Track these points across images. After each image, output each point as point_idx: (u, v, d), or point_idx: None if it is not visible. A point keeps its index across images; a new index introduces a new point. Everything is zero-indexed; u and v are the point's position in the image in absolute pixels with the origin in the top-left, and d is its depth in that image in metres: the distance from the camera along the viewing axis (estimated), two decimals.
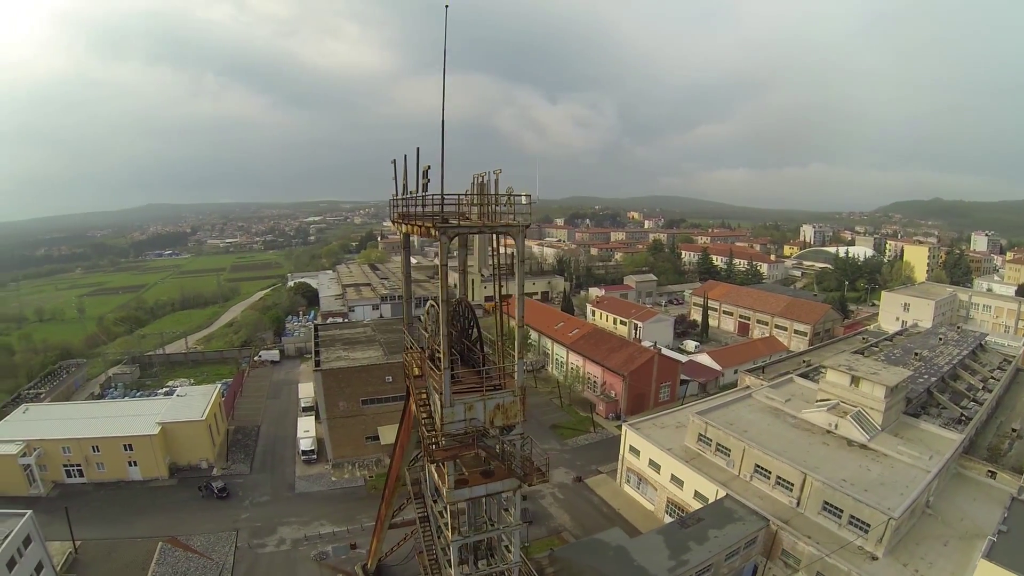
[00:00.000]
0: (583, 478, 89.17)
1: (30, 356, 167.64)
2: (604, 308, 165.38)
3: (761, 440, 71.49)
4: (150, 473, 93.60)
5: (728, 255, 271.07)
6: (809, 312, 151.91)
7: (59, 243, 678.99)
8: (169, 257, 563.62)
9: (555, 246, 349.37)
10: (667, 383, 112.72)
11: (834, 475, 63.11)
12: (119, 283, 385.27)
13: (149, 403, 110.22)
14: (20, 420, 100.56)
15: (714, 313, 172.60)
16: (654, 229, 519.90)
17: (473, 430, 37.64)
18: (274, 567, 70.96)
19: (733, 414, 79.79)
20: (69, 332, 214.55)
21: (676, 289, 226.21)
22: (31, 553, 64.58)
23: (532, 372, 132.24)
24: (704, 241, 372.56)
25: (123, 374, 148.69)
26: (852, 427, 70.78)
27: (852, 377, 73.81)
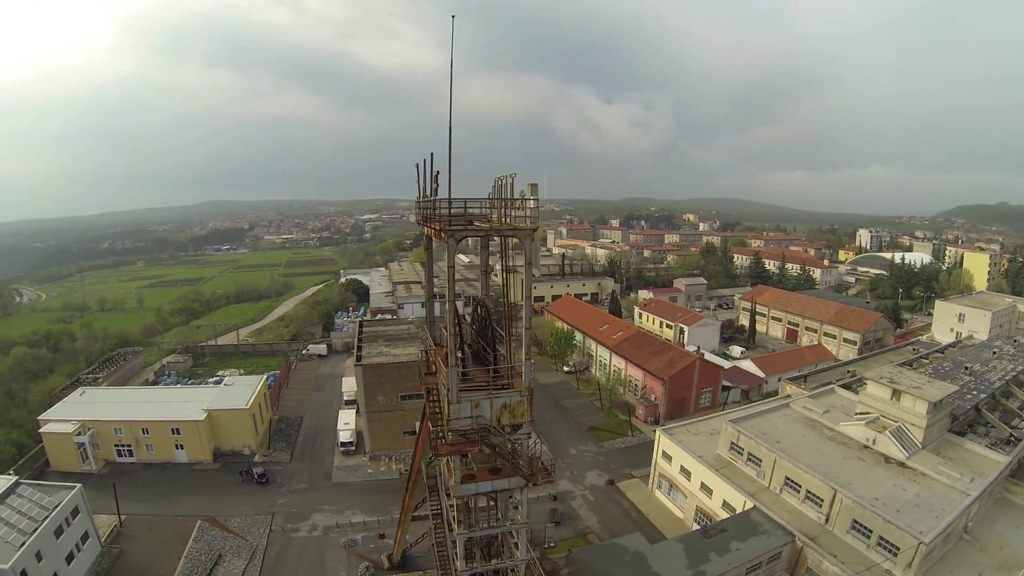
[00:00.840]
0: (615, 481, 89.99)
1: (91, 343, 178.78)
2: (651, 311, 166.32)
3: (794, 452, 70.82)
4: (195, 456, 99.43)
5: (780, 259, 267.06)
6: (859, 320, 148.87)
7: (122, 237, 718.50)
8: (227, 252, 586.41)
9: (608, 247, 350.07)
10: (708, 389, 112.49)
11: (866, 493, 61.72)
12: (178, 276, 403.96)
13: (198, 391, 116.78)
14: (77, 402, 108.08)
15: (762, 319, 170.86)
16: (709, 232, 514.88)
17: (479, 427, 39.21)
18: (305, 551, 74.97)
19: (767, 423, 79.21)
20: (128, 321, 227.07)
21: (726, 293, 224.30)
22: (78, 523, 70.62)
23: (575, 373, 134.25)
24: (758, 245, 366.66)
25: (176, 363, 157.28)
26: (890, 443, 69.25)
27: (893, 390, 72.04)
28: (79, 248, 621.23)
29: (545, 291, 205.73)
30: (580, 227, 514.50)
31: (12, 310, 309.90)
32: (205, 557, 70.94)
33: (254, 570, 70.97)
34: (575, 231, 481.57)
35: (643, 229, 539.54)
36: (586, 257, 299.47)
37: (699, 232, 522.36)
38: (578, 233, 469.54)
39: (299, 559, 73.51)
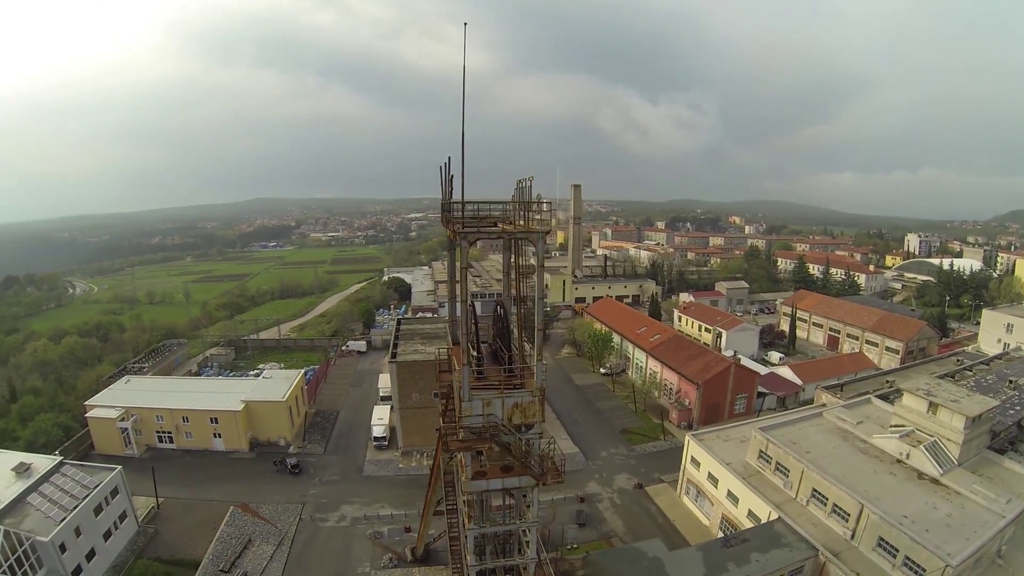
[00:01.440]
0: (643, 485, 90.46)
1: (138, 334, 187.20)
2: (690, 314, 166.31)
3: (822, 463, 69.73)
4: (232, 445, 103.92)
5: (824, 264, 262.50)
6: (903, 328, 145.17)
7: (172, 233, 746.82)
8: (273, 248, 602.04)
9: (652, 249, 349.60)
10: (743, 395, 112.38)
11: (895, 509, 60.27)
12: (225, 271, 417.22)
13: (237, 382, 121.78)
14: (121, 389, 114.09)
15: (803, 324, 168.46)
16: (754, 235, 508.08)
17: (490, 425, 40.60)
18: (332, 540, 77.90)
19: (798, 433, 78.18)
20: (175, 314, 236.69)
21: (768, 298, 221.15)
22: (117, 503, 75.49)
23: (611, 376, 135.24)
24: (803, 248, 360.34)
25: (219, 355, 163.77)
26: (924, 458, 67.32)
27: (930, 403, 70.08)
28: (130, 243, 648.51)
29: (587, 292, 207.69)
30: (625, 229, 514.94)
31: (65, 301, 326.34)
32: (235, 541, 74.42)
33: (281, 556, 74.10)
34: (620, 232, 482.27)
35: (688, 231, 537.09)
36: (629, 259, 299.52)
37: (744, 235, 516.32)
38: (623, 235, 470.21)
39: (325, 548, 76.44)
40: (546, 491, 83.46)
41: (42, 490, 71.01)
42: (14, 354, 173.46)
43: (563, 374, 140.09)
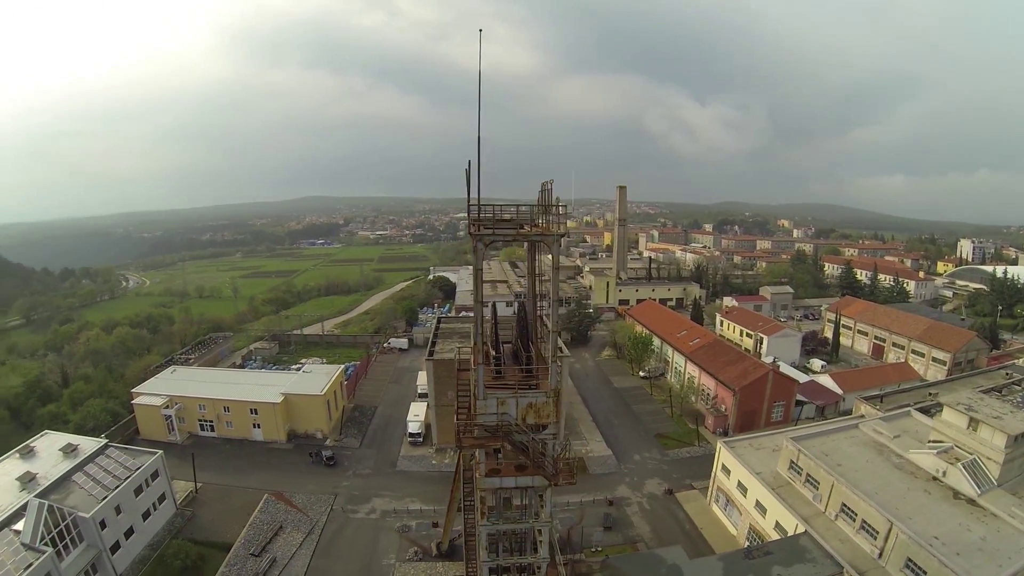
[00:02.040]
0: (674, 491, 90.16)
1: (187, 326, 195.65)
2: (732, 319, 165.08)
3: (854, 477, 68.08)
4: (270, 436, 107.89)
5: (872, 269, 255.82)
6: (950, 338, 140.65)
7: (223, 229, 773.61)
8: (321, 246, 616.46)
9: (698, 252, 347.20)
10: (781, 403, 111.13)
11: (926, 530, 58.34)
12: (273, 267, 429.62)
13: (278, 376, 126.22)
14: (167, 378, 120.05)
15: (848, 332, 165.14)
16: (802, 239, 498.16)
17: (504, 424, 41.80)
18: (360, 531, 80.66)
19: (831, 444, 76.67)
20: (223, 308, 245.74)
21: (813, 303, 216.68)
22: (157, 486, 79.93)
23: (650, 379, 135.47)
24: (851, 253, 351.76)
25: (263, 349, 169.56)
26: (962, 477, 64.74)
27: (970, 419, 67.70)
28: (182, 239, 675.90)
29: (630, 295, 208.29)
30: (673, 231, 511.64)
31: (118, 294, 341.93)
32: (267, 527, 77.87)
33: (310, 544, 77.08)
34: (667, 235, 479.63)
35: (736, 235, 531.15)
36: (675, 262, 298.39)
37: (792, 239, 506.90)
38: (670, 237, 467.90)
39: (353, 538, 79.18)
40: (575, 493, 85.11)
41: (87, 470, 75.80)
42: (68, 343, 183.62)
43: (602, 376, 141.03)
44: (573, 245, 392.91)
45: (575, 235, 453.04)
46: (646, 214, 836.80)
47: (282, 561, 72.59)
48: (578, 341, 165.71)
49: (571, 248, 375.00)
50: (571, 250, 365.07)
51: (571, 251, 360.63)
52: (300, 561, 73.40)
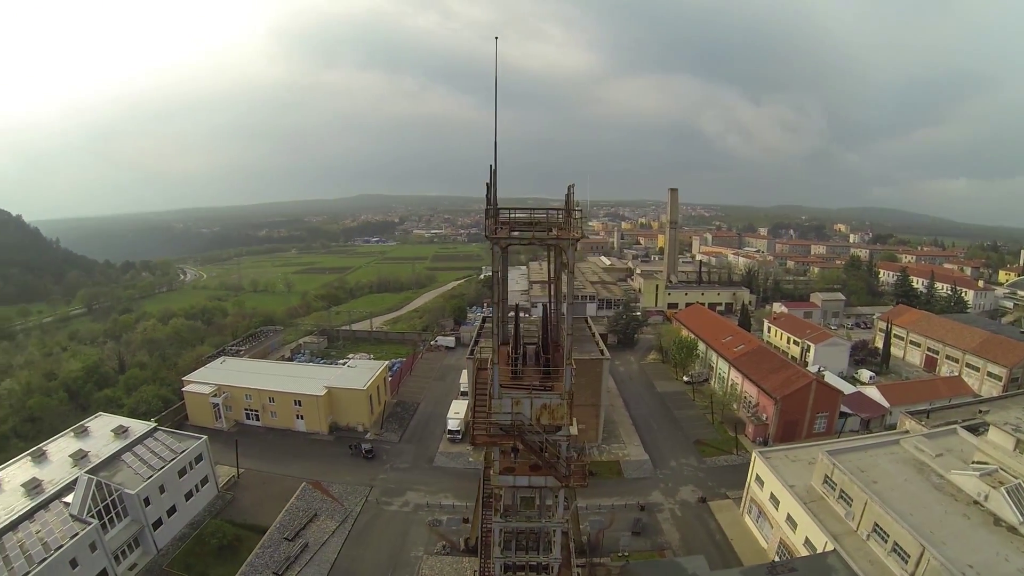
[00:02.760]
0: (707, 500, 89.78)
1: (239, 319, 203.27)
2: (780, 325, 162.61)
3: (889, 496, 65.45)
4: (313, 427, 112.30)
5: (929, 277, 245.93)
6: (1008, 352, 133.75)
7: (279, 226, 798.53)
8: (376, 244, 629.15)
9: (750, 256, 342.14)
10: (824, 413, 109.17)
11: (960, 557, 55.67)
12: (327, 264, 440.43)
13: (324, 369, 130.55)
14: (217, 368, 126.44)
15: (899, 342, 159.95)
16: (859, 244, 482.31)
17: (518, 424, 43.06)
18: (392, 523, 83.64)
19: (869, 460, 74.17)
20: (275, 303, 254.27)
21: (866, 312, 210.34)
22: (200, 469, 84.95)
23: (693, 384, 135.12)
24: (908, 260, 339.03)
25: (312, 343, 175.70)
26: (1004, 502, 60.97)
27: (1017, 441, 65.72)
28: (239, 234, 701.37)
29: (679, 298, 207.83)
30: (727, 234, 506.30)
31: (176, 286, 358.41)
32: (302, 514, 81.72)
33: (343, 532, 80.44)
34: (720, 238, 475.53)
35: (791, 239, 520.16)
36: (727, 266, 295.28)
37: (848, 244, 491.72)
38: (723, 240, 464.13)
39: (385, 529, 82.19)
40: (607, 496, 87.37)
41: (135, 450, 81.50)
42: (126, 331, 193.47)
43: (646, 380, 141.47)
44: (627, 247, 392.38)
45: (629, 237, 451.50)
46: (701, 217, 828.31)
47: (314, 547, 76.02)
48: (624, 344, 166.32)
49: (624, 250, 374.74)
50: (624, 252, 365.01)
51: (624, 253, 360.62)
52: (331, 548, 76.70)
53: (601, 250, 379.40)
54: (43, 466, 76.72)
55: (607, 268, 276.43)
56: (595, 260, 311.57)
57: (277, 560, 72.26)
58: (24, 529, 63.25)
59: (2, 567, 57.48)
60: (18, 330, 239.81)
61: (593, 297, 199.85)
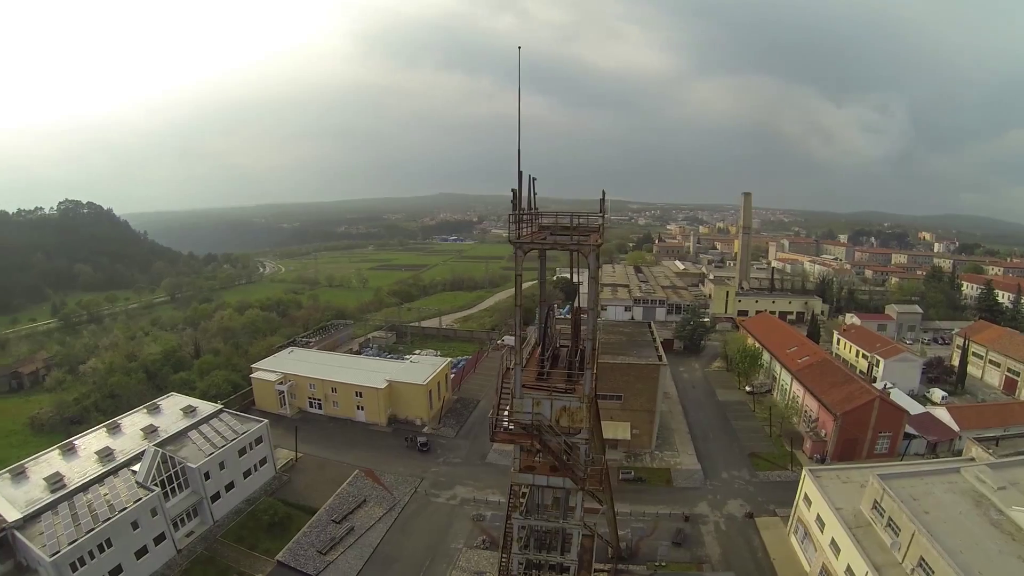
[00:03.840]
0: (754, 515, 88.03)
1: (312, 312, 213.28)
2: (849, 337, 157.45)
3: (939, 529, 61.23)
4: (372, 419, 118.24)
5: (1016, 291, 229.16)
6: None
7: (357, 223, 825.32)
8: (453, 242, 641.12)
9: (826, 264, 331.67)
10: (887, 433, 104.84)
11: None
12: (403, 261, 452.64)
13: (386, 363, 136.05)
14: (284, 358, 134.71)
15: (978, 361, 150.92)
16: (943, 254, 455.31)
17: (537, 424, 44.27)
18: (437, 515, 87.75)
19: (924, 487, 69.54)
20: (349, 298, 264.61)
21: (945, 327, 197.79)
22: (259, 450, 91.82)
23: (755, 395, 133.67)
24: (996, 272, 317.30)
25: (380, 338, 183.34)
26: None
27: None
28: (318, 230, 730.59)
29: (749, 305, 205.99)
30: (804, 241, 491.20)
31: (255, 279, 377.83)
32: (352, 499, 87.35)
33: (388, 520, 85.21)
34: (798, 245, 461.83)
35: (871, 247, 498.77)
36: (803, 273, 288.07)
37: (931, 253, 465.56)
38: (800, 247, 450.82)
39: (429, 519, 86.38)
40: (653, 503, 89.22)
41: (201, 429, 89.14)
42: (204, 320, 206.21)
43: (707, 388, 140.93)
44: (702, 252, 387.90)
45: (705, 241, 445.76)
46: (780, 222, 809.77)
47: (359, 531, 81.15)
48: (690, 350, 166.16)
49: (700, 255, 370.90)
50: (700, 257, 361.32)
51: (699, 258, 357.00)
52: (375, 533, 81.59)
53: (676, 254, 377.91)
54: (117, 437, 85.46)
55: (680, 273, 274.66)
56: (669, 264, 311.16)
57: (323, 540, 77.78)
58: (94, 491, 71.55)
59: (71, 522, 65.33)
60: (106, 315, 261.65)
61: (663, 301, 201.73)
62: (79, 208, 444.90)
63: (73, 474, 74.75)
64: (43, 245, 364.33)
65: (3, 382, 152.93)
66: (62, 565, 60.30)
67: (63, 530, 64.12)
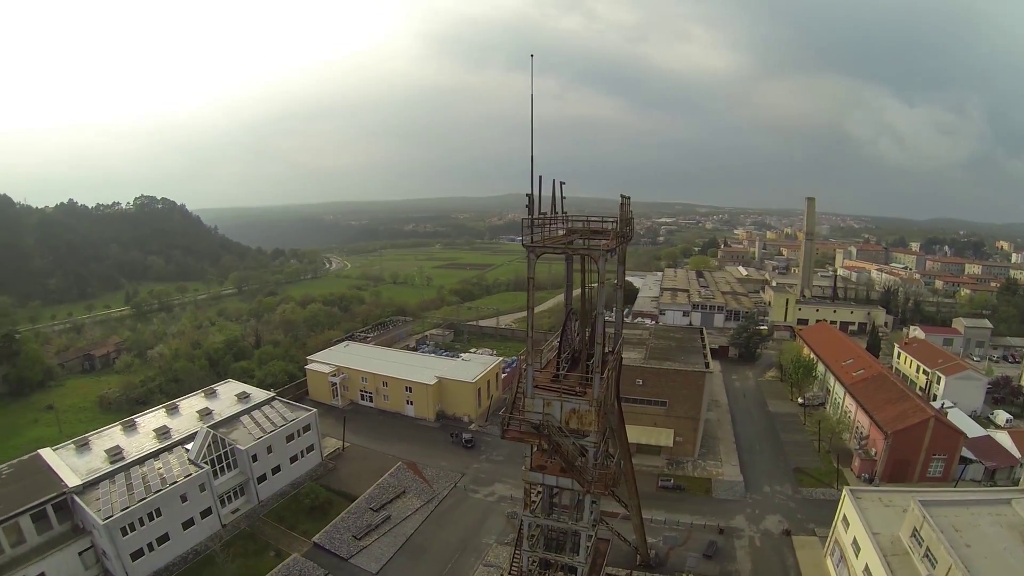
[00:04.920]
0: (792, 533, 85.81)
1: (373, 308, 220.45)
2: (910, 351, 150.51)
3: (978, 565, 57.70)
4: (421, 413, 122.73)
5: None
6: None
7: (425, 221, 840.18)
8: (520, 242, 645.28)
9: (894, 273, 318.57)
10: (942, 456, 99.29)
11: None
12: (468, 260, 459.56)
13: (438, 360, 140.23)
14: (340, 351, 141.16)
15: None
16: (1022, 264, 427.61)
17: (547, 424, 46.05)
18: (473, 510, 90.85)
19: (968, 518, 65.14)
20: (411, 295, 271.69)
21: (1018, 344, 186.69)
22: (307, 437, 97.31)
23: (807, 407, 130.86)
24: None
25: (437, 335, 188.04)
26: None
27: None
28: (386, 228, 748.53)
29: (810, 314, 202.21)
30: (873, 248, 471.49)
31: (321, 274, 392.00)
32: (392, 489, 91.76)
33: (425, 511, 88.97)
34: (866, 252, 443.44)
35: (944, 256, 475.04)
36: (869, 282, 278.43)
37: (1008, 264, 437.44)
38: (869, 254, 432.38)
39: (465, 514, 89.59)
40: (689, 513, 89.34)
41: (252, 414, 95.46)
42: (267, 312, 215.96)
43: (759, 397, 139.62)
44: (768, 258, 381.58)
45: (771, 247, 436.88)
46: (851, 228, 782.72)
47: (395, 520, 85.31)
48: (745, 358, 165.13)
49: (765, 261, 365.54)
50: (764, 263, 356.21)
51: (764, 264, 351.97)
52: (411, 523, 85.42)
53: (741, 260, 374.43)
54: (174, 417, 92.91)
55: (742, 279, 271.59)
56: (732, 270, 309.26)
57: (359, 526, 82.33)
58: (149, 465, 78.74)
59: (125, 491, 72.29)
60: (175, 304, 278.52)
61: (722, 307, 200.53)
62: (153, 203, 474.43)
63: (132, 448, 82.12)
64: (119, 238, 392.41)
65: (77, 363, 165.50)
66: (113, 529, 66.85)
67: (117, 497, 71.00)
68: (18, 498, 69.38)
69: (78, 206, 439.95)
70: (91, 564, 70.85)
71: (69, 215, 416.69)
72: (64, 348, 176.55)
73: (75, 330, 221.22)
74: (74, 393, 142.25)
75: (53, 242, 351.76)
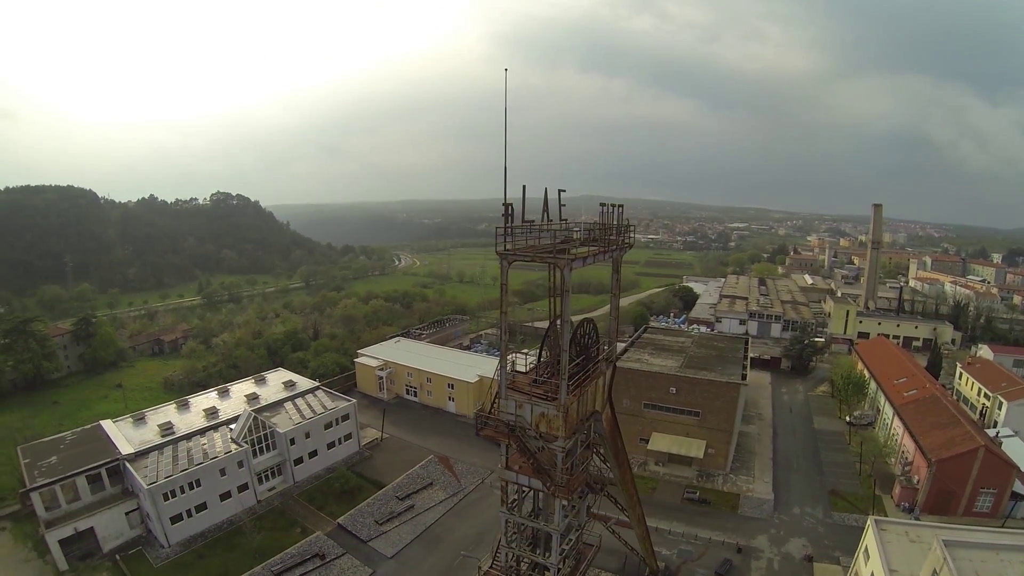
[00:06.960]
0: (813, 559, 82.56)
1: (433, 305, 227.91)
2: (972, 372, 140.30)
3: None
4: (461, 410, 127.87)
5: None
6: None
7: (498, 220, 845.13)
8: None
9: (969, 286, 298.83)
10: (991, 489, 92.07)
11: None
12: None
13: (483, 359, 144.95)
14: (389, 346, 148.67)
15: None
16: None
17: (518, 426, 48.57)
18: (496, 505, 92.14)
19: (995, 563, 57.44)
20: (474, 294, 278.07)
21: None
22: (345, 426, 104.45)
23: (854, 426, 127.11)
24: None
25: (492, 335, 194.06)
26: None
27: None
28: (458, 227, 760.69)
29: (872, 327, 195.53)
30: (950, 258, 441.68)
31: (388, 271, 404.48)
32: (419, 480, 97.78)
33: (448, 504, 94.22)
34: (941, 262, 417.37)
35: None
36: (939, 295, 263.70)
37: None
38: (944, 265, 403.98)
39: (486, 509, 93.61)
40: (710, 528, 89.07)
41: (295, 401, 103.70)
42: (330, 306, 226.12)
43: (806, 413, 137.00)
44: (837, 266, 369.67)
45: (843, 255, 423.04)
46: (929, 237, 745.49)
47: (418, 510, 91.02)
48: (797, 371, 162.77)
49: (835, 269, 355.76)
50: (834, 271, 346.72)
51: (833, 272, 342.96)
52: (432, 514, 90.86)
53: (809, 268, 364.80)
54: (224, 400, 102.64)
55: (806, 288, 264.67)
56: (797, 278, 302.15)
57: (382, 512, 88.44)
58: (195, 440, 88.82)
59: (171, 461, 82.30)
60: (244, 296, 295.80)
61: (779, 317, 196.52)
62: (229, 199, 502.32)
63: (182, 425, 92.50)
64: (195, 231, 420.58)
65: (147, 347, 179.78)
66: (156, 493, 76.40)
67: (163, 467, 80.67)
68: (77, 461, 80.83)
69: (158, 201, 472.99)
70: (136, 524, 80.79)
71: (149, 209, 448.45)
72: (137, 332, 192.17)
73: (148, 316, 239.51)
74: (142, 374, 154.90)
75: (134, 234, 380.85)
